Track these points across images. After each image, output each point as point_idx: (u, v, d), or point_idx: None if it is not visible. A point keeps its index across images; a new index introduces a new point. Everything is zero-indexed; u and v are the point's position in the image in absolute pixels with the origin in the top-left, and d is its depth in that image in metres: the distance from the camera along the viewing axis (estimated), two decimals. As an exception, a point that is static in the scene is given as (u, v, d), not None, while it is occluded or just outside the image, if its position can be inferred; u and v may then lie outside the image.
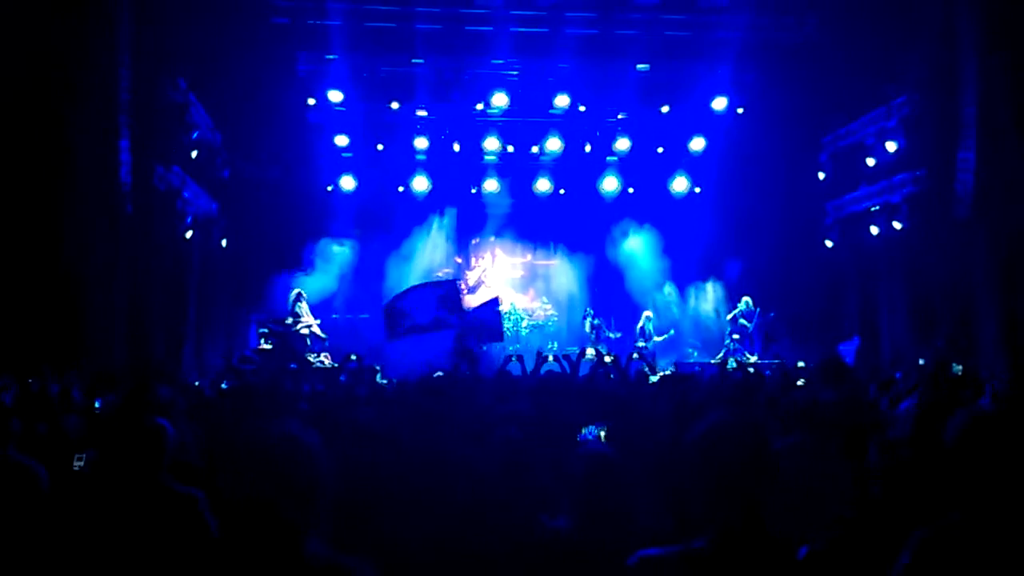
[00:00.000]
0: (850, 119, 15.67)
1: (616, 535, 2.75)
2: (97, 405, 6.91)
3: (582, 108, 16.95)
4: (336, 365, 14.49)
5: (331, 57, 15.63)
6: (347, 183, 17.90)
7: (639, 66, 16.00)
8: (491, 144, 17.44)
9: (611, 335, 17.27)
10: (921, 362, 10.72)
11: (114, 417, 5.94)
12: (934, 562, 1.99)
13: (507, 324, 17.39)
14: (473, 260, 19.49)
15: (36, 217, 9.96)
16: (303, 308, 15.75)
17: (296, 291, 15.89)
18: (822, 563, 2.39)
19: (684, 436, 2.31)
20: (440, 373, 7.85)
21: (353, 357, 12.10)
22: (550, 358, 10.32)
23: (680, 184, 18.46)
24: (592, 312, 17.47)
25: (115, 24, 11.19)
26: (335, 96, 16.11)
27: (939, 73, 12.63)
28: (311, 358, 15.15)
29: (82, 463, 4.07)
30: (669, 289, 18.42)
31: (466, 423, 3.80)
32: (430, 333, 12.90)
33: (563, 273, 19.32)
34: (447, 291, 13.19)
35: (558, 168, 18.37)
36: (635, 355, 9.80)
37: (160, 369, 10.96)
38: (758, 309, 16.44)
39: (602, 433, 4.22)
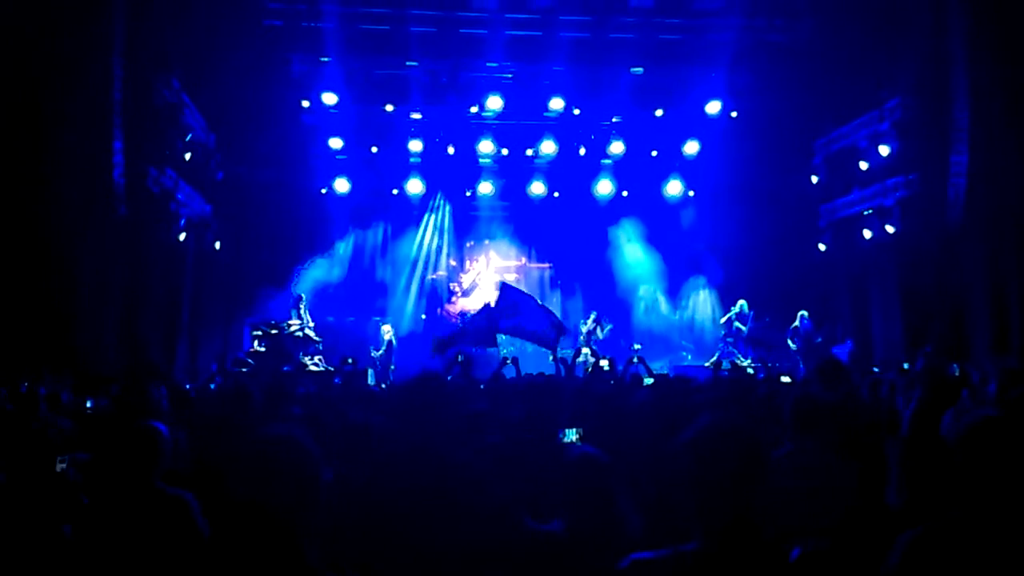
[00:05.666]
0: (843, 122, 15.72)
1: (607, 538, 2.75)
2: (89, 406, 6.89)
3: (576, 111, 16.97)
4: (331, 368, 14.48)
5: (325, 59, 15.60)
6: (341, 185, 17.88)
7: (633, 69, 16.03)
8: (485, 147, 17.44)
9: (599, 334, 17.19)
10: (905, 366, 10.72)
11: (107, 419, 5.92)
12: (923, 564, 2.00)
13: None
14: (468, 263, 19.51)
15: (29, 219, 9.92)
16: (303, 311, 15.75)
17: (298, 295, 15.89)
18: (814, 566, 2.39)
19: (675, 439, 2.31)
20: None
21: (350, 360, 12.09)
22: (549, 359, 10.34)
23: (674, 187, 18.50)
24: (596, 314, 17.45)
25: (108, 25, 11.15)
26: (329, 98, 16.08)
27: (931, 77, 12.68)
28: (305, 360, 15.14)
29: (64, 465, 4.05)
30: (646, 289, 18.49)
31: (457, 426, 3.79)
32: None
33: (557, 276, 19.39)
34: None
35: (552, 171, 18.39)
36: (635, 359, 9.77)
37: (152, 371, 10.94)
38: (752, 312, 16.47)
39: (575, 436, 4.21)
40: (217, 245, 15.55)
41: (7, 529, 3.45)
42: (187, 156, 13.84)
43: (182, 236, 13.78)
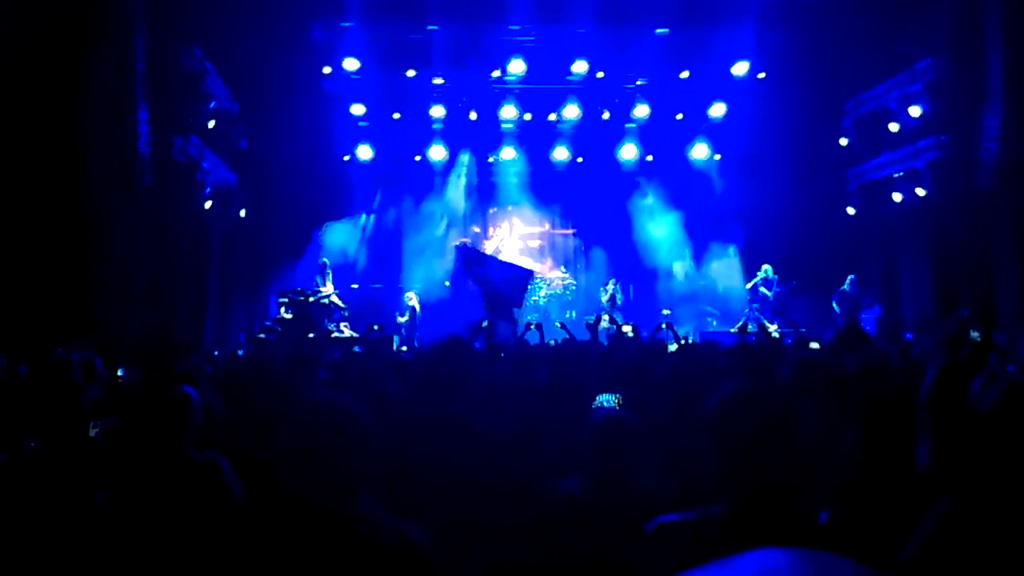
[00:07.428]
0: (873, 84, 15.40)
1: (626, 497, 2.76)
2: (120, 374, 7.00)
3: (600, 74, 16.75)
4: (357, 335, 14.59)
5: (346, 24, 15.51)
6: (364, 152, 17.90)
7: (658, 30, 15.75)
8: (508, 112, 17.32)
9: (618, 300, 17.14)
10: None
11: (140, 387, 6.01)
12: (959, 532, 1.98)
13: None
14: (491, 229, 19.50)
15: (55, 190, 10.00)
16: (328, 278, 15.88)
17: (323, 262, 16.00)
18: (842, 528, 2.39)
19: (701, 404, 2.31)
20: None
21: (376, 327, 12.17)
22: (556, 325, 10.39)
23: (700, 151, 18.30)
24: (616, 280, 17.44)
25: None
26: (351, 64, 16.00)
27: (965, 36, 12.35)
28: (330, 327, 15.26)
29: (97, 430, 4.12)
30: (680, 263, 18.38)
31: (482, 391, 3.81)
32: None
33: (581, 242, 19.34)
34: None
35: (576, 136, 18.25)
36: (663, 325, 9.73)
37: (181, 340, 11.08)
38: (776, 277, 16.34)
39: (617, 401, 4.21)
40: (242, 213, 15.64)
41: (41, 494, 3.52)
42: (210, 124, 13.86)
43: (208, 205, 13.86)
